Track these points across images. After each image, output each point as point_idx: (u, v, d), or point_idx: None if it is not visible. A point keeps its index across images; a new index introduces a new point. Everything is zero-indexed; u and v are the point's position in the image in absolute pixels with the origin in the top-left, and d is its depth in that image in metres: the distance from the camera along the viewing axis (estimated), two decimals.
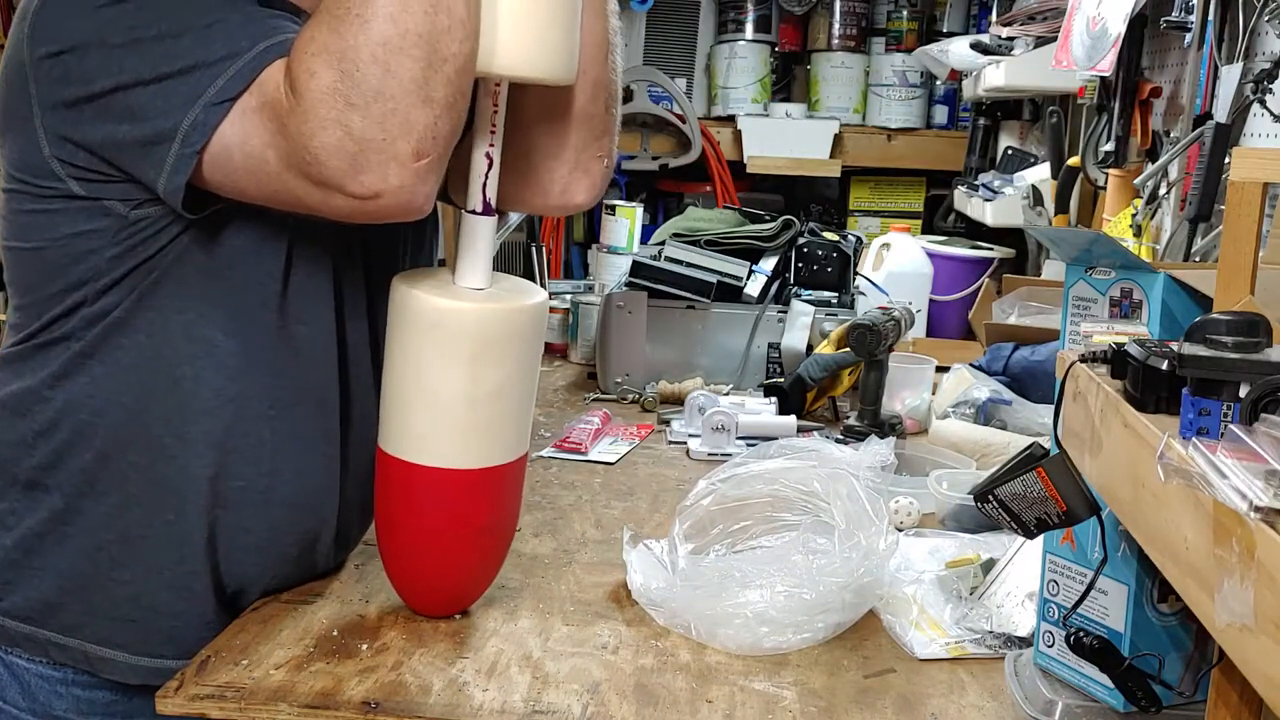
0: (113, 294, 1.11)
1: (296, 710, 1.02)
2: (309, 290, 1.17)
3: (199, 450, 1.14)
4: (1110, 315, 1.01)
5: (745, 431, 1.84)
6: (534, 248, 3.44)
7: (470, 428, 1.13)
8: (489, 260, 1.15)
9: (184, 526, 1.16)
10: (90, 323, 1.12)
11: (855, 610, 1.21)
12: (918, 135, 3.47)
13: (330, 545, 1.26)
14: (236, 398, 1.14)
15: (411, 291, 1.11)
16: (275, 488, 1.18)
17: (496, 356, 1.11)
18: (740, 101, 3.45)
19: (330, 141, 0.95)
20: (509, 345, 1.12)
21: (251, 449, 1.16)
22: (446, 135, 0.99)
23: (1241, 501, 0.58)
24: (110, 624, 1.17)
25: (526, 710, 1.03)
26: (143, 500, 1.15)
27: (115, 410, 1.13)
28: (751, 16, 3.45)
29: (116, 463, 1.14)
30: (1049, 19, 2.37)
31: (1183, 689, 0.99)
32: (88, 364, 1.13)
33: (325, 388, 1.21)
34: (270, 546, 1.20)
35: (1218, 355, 0.72)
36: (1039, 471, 0.94)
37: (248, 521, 1.18)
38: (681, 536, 1.27)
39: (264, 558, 1.20)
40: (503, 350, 1.12)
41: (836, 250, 2.31)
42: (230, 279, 1.13)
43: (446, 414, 1.12)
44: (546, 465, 1.74)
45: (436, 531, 1.16)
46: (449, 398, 1.11)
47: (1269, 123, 1.61)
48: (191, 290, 1.12)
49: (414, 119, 0.96)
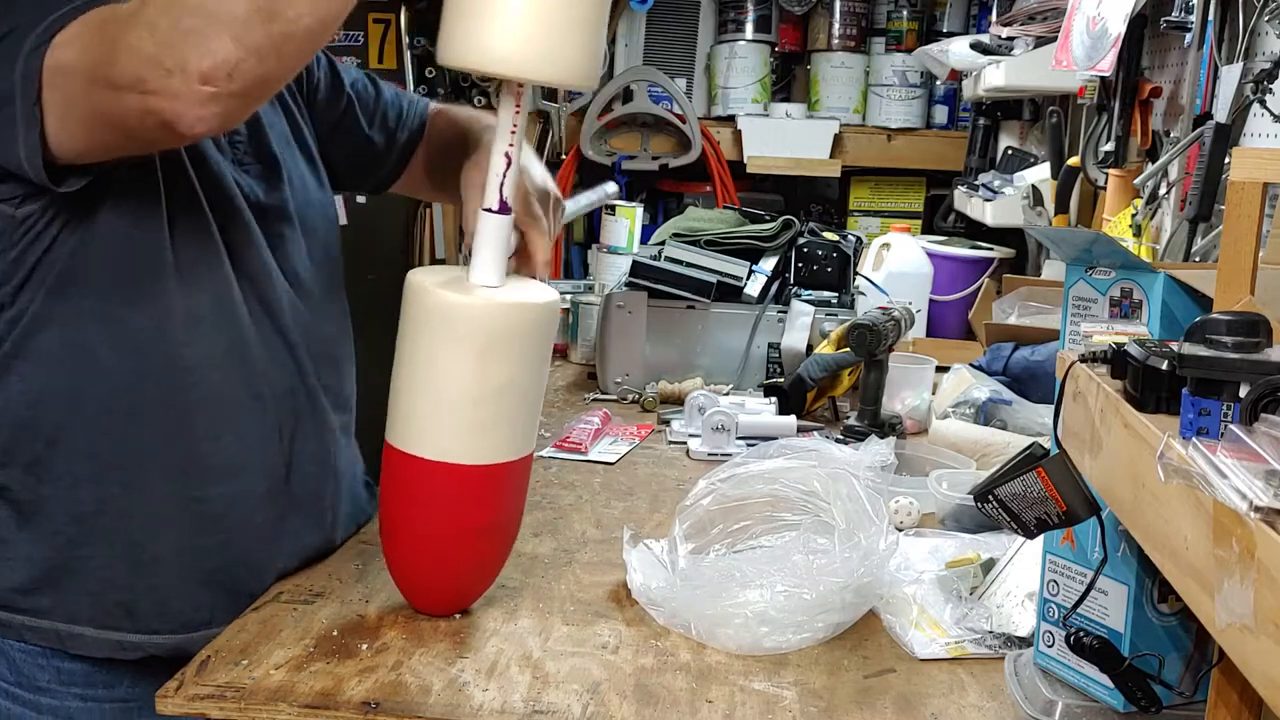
0: (24, 293, 1.16)
1: (296, 710, 1.02)
2: (199, 257, 1.20)
3: (134, 427, 1.19)
4: (1110, 315, 1.01)
5: (745, 431, 1.84)
6: None
7: (475, 423, 1.13)
8: (504, 258, 1.16)
9: (130, 500, 1.20)
10: (10, 325, 1.17)
11: (855, 610, 1.21)
12: (918, 135, 3.47)
13: (281, 508, 1.28)
14: (155, 369, 1.19)
15: (423, 286, 1.12)
16: (214, 453, 1.22)
17: (504, 353, 1.12)
18: (740, 101, 3.45)
19: (134, 41, 0.99)
20: (517, 342, 1.13)
21: (180, 418, 1.20)
22: (249, 80, 1.00)
23: (1241, 501, 0.58)
24: (76, 601, 1.21)
25: (526, 710, 1.03)
26: (91, 477, 1.19)
27: (51, 400, 1.18)
28: (751, 16, 3.45)
29: (63, 448, 1.19)
30: (1049, 19, 2.37)
31: (1183, 689, 0.99)
32: (15, 363, 1.18)
33: (242, 347, 1.23)
34: (218, 514, 1.23)
35: (1218, 355, 0.72)
36: (1039, 471, 0.94)
37: (194, 490, 1.22)
38: (681, 536, 1.27)
39: (213, 525, 1.23)
40: (510, 347, 1.12)
41: (836, 250, 2.31)
42: (121, 257, 1.17)
43: (452, 408, 1.12)
44: (546, 465, 1.74)
45: (437, 527, 1.16)
46: (455, 392, 1.12)
47: (1269, 123, 1.61)
48: (91, 275, 1.16)
49: (214, 47, 0.97)
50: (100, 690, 1.25)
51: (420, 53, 3.48)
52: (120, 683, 1.25)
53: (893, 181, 3.58)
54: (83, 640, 1.22)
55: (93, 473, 1.20)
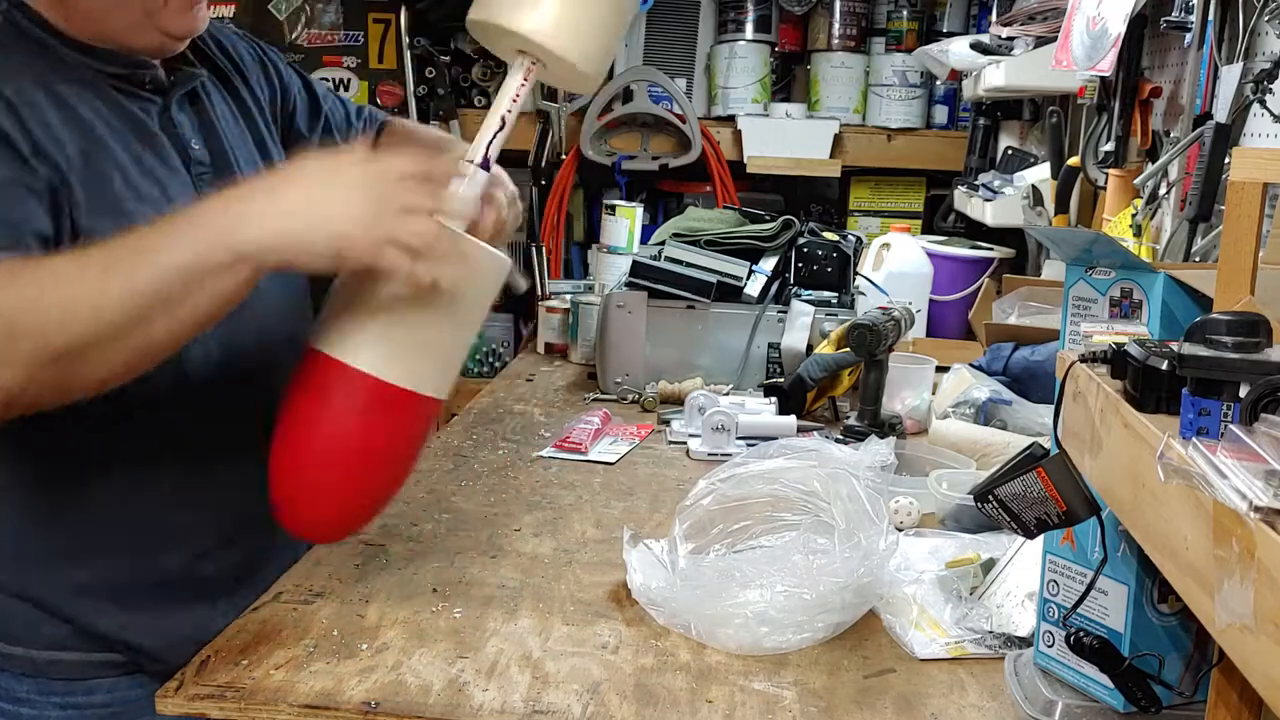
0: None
1: (296, 710, 1.02)
2: None
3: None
4: (1110, 315, 1.01)
5: (745, 431, 1.84)
6: (534, 248, 3.44)
7: (404, 343, 1.14)
8: (471, 211, 1.17)
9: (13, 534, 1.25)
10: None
11: (855, 610, 1.21)
12: (918, 135, 3.47)
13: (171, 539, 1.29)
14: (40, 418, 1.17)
15: None
16: (85, 485, 1.23)
17: (447, 281, 1.11)
18: (740, 101, 3.45)
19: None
20: (462, 277, 1.13)
21: (58, 461, 1.22)
22: (35, 403, 1.02)
23: (1241, 501, 0.58)
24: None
25: (526, 710, 1.03)
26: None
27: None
28: (751, 16, 3.45)
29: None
30: (1049, 19, 2.36)
31: (1183, 689, 0.99)
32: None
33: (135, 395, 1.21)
34: (95, 549, 1.25)
35: (1218, 355, 0.72)
36: (1039, 471, 0.94)
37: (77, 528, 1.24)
38: (681, 536, 1.27)
39: (88, 560, 1.25)
40: (454, 278, 1.11)
41: (836, 250, 2.31)
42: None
43: (388, 322, 1.13)
44: (546, 465, 1.74)
45: (339, 441, 1.15)
46: (383, 301, 1.12)
47: (1269, 123, 1.61)
48: None
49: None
50: (79, 698, 1.26)
51: (420, 53, 3.48)
52: (99, 690, 1.27)
53: (893, 181, 3.58)
54: (8, 658, 1.26)
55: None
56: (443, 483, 1.64)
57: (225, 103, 1.37)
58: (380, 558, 1.35)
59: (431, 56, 3.47)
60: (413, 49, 3.47)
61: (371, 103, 3.51)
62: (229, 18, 3.48)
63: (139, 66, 1.24)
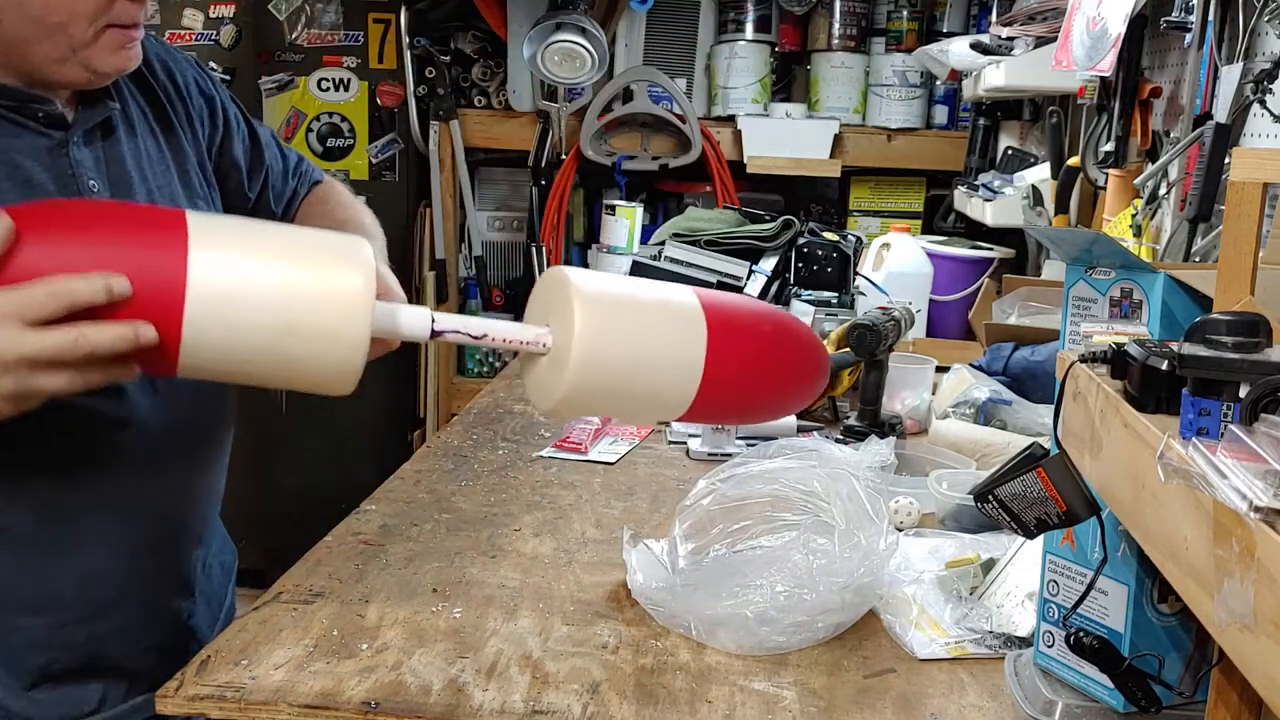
0: None
1: (296, 710, 1.02)
2: None
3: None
4: (1110, 315, 1.01)
5: (745, 431, 1.84)
6: (534, 248, 3.45)
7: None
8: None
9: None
10: None
11: (855, 610, 1.21)
12: (918, 135, 3.47)
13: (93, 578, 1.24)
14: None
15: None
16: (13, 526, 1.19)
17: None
18: (740, 101, 3.45)
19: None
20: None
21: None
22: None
23: (1241, 501, 0.58)
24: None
25: (526, 710, 1.03)
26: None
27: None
28: (751, 16, 3.45)
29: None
30: (1049, 19, 2.37)
31: (1183, 689, 0.99)
32: None
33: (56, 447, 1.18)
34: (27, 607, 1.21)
35: (1218, 355, 0.72)
36: (1039, 471, 0.94)
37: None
38: (681, 536, 1.27)
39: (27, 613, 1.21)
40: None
41: (836, 250, 2.31)
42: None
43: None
44: (546, 465, 1.75)
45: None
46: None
47: (1269, 123, 1.61)
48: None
49: None
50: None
51: (420, 53, 3.48)
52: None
53: (893, 181, 3.59)
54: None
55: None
56: (443, 483, 1.65)
57: (152, 135, 1.29)
58: (380, 558, 1.35)
59: (431, 56, 3.48)
60: (413, 49, 3.47)
61: (372, 103, 3.51)
62: (229, 18, 3.49)
63: (31, 100, 1.15)
